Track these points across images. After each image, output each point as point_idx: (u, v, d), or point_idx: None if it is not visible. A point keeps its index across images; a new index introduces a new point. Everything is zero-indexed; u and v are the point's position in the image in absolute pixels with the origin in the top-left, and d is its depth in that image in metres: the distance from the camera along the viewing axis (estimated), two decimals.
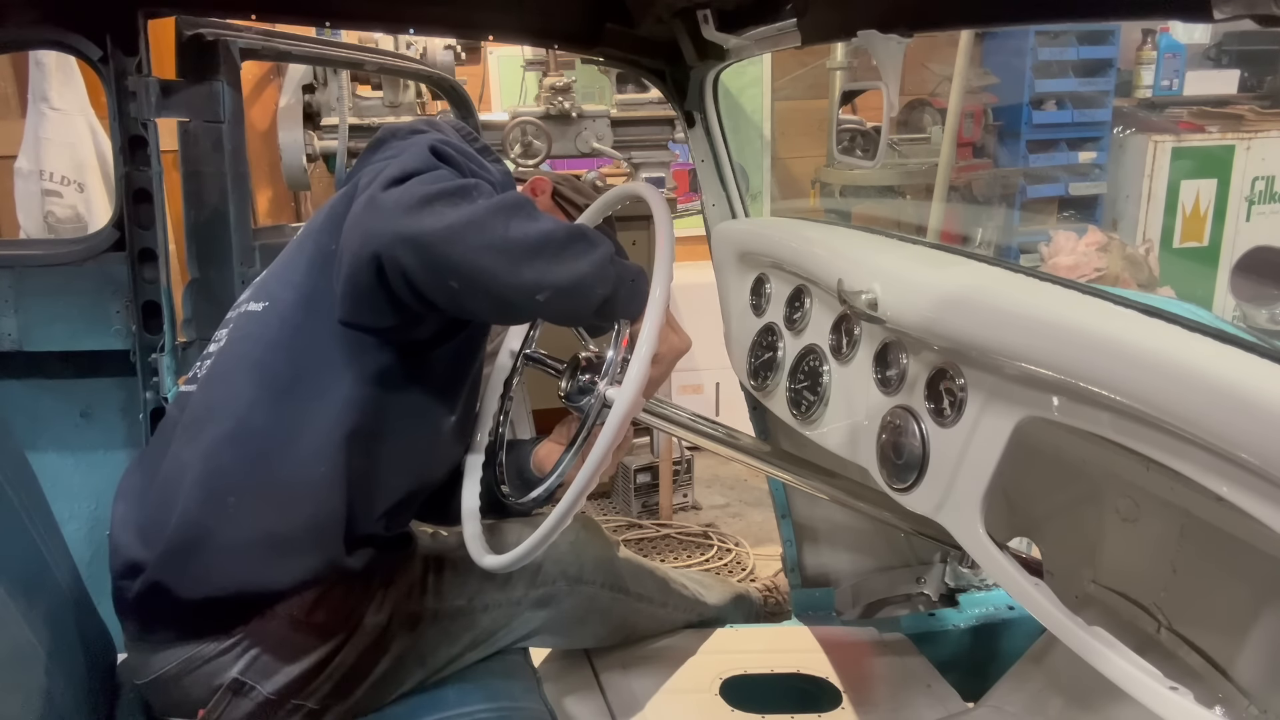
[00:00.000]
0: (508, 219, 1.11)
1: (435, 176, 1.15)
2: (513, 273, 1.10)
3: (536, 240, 1.11)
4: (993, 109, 4.93)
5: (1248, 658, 1.10)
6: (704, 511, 3.54)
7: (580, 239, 1.15)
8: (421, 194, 1.11)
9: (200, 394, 1.29)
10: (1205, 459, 0.86)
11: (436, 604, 1.41)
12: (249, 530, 1.21)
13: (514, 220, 1.11)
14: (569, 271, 1.12)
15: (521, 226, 1.11)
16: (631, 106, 3.45)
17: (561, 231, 1.14)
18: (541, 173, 1.56)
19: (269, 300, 1.31)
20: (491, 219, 1.10)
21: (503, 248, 1.10)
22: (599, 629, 1.65)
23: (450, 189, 1.12)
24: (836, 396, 1.46)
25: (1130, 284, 4.49)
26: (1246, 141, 4.92)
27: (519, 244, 1.10)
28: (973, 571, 2.05)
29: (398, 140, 1.34)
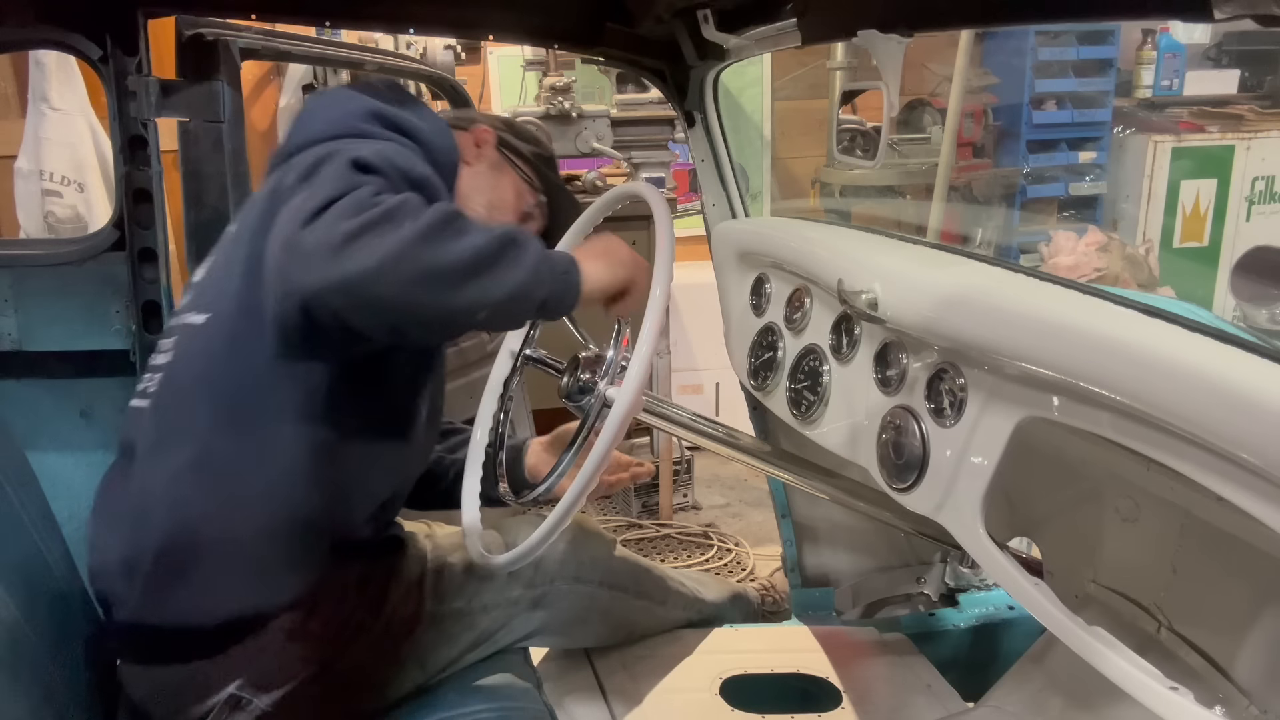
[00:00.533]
0: (437, 242, 1.04)
1: (356, 202, 1.05)
2: (450, 299, 1.06)
3: (470, 260, 1.05)
4: (993, 109, 4.94)
5: (1248, 658, 1.10)
6: (704, 511, 3.54)
7: (510, 245, 1.09)
8: (344, 231, 1.02)
9: (155, 414, 1.24)
10: (1205, 459, 0.86)
11: (434, 606, 1.40)
12: (229, 557, 1.19)
13: (444, 242, 1.05)
14: (504, 284, 1.08)
15: (452, 248, 1.05)
16: (631, 106, 3.45)
17: (492, 243, 1.08)
18: (483, 118, 1.51)
19: (211, 312, 1.24)
20: (421, 246, 1.03)
21: (436, 276, 1.04)
22: (598, 628, 1.65)
23: (374, 218, 1.03)
24: (836, 396, 1.46)
25: (1130, 284, 4.49)
26: (1246, 141, 4.92)
27: (452, 268, 1.04)
28: (973, 571, 2.05)
29: (321, 115, 1.28)
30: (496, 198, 1.45)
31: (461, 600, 1.43)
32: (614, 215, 1.41)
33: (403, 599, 1.36)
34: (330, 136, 1.22)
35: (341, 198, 1.05)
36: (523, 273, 1.09)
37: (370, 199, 1.05)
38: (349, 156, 1.13)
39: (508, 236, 1.10)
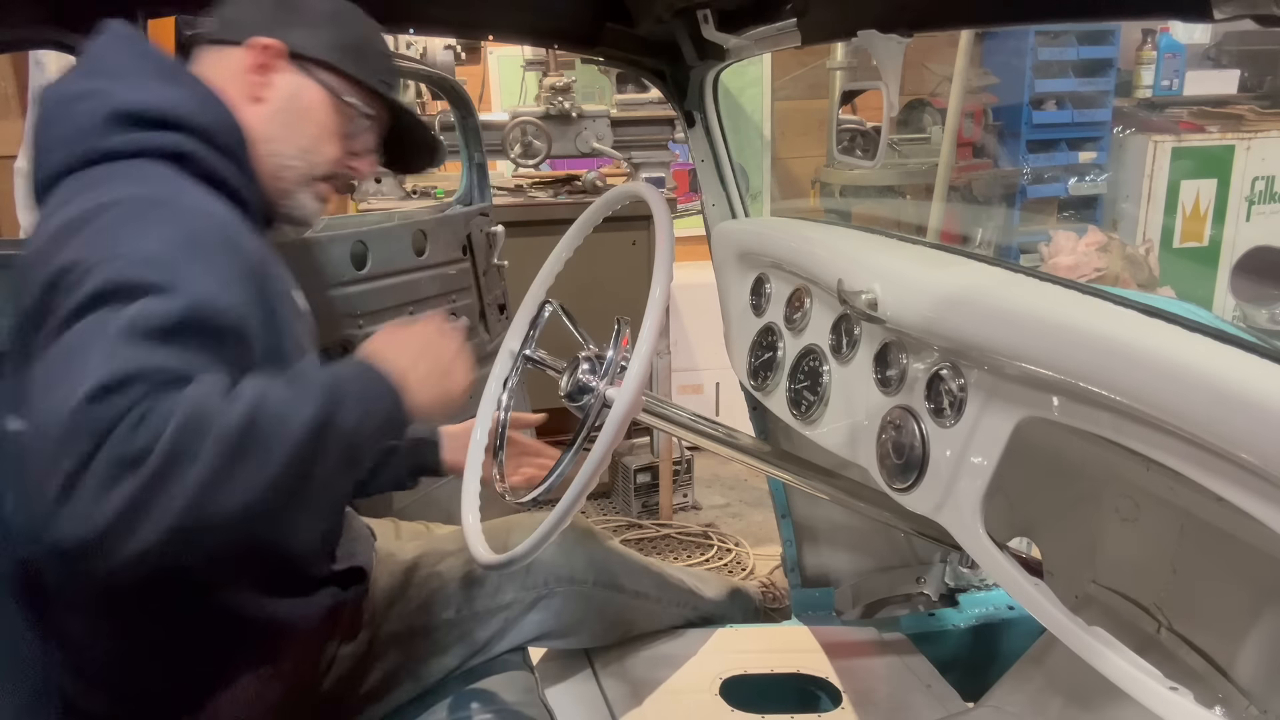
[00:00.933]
0: (237, 475, 0.82)
1: (118, 460, 0.79)
2: (267, 514, 0.86)
3: (280, 477, 0.85)
4: (993, 109, 4.93)
5: (1248, 658, 1.10)
6: (704, 511, 3.54)
7: (326, 427, 0.89)
8: (113, 510, 0.78)
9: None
10: (1205, 459, 0.86)
11: (423, 619, 1.37)
12: (171, 659, 1.10)
13: (245, 472, 0.83)
14: (330, 472, 0.90)
15: (256, 476, 0.83)
16: (631, 106, 3.45)
17: (303, 440, 0.87)
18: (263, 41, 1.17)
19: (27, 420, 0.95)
20: (217, 490, 0.81)
21: (244, 512, 0.83)
22: (595, 627, 1.64)
23: (146, 480, 0.79)
24: (836, 396, 1.46)
25: (1130, 284, 4.49)
26: (1246, 141, 4.91)
27: (261, 497, 0.84)
28: (973, 571, 2.05)
29: (59, 131, 1.04)
30: (307, 136, 1.18)
31: (450, 610, 1.40)
32: (614, 215, 1.41)
33: (385, 611, 1.34)
34: (71, 168, 1.02)
35: (97, 450, 0.79)
36: (346, 448, 0.93)
37: (137, 446, 0.79)
38: (110, 329, 0.84)
39: (319, 421, 0.89)
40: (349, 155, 1.23)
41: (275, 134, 1.16)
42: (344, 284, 2.10)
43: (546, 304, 1.40)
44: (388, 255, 2.22)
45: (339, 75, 1.19)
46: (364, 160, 1.26)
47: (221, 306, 0.92)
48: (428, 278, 2.36)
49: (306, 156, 1.18)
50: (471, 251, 2.52)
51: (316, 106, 1.18)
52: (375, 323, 2.18)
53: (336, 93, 1.19)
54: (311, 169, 1.19)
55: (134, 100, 1.04)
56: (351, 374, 1.00)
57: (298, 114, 1.17)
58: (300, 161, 1.18)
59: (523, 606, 1.47)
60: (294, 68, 1.17)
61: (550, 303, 1.39)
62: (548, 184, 3.53)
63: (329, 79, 1.19)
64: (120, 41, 1.12)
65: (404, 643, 1.35)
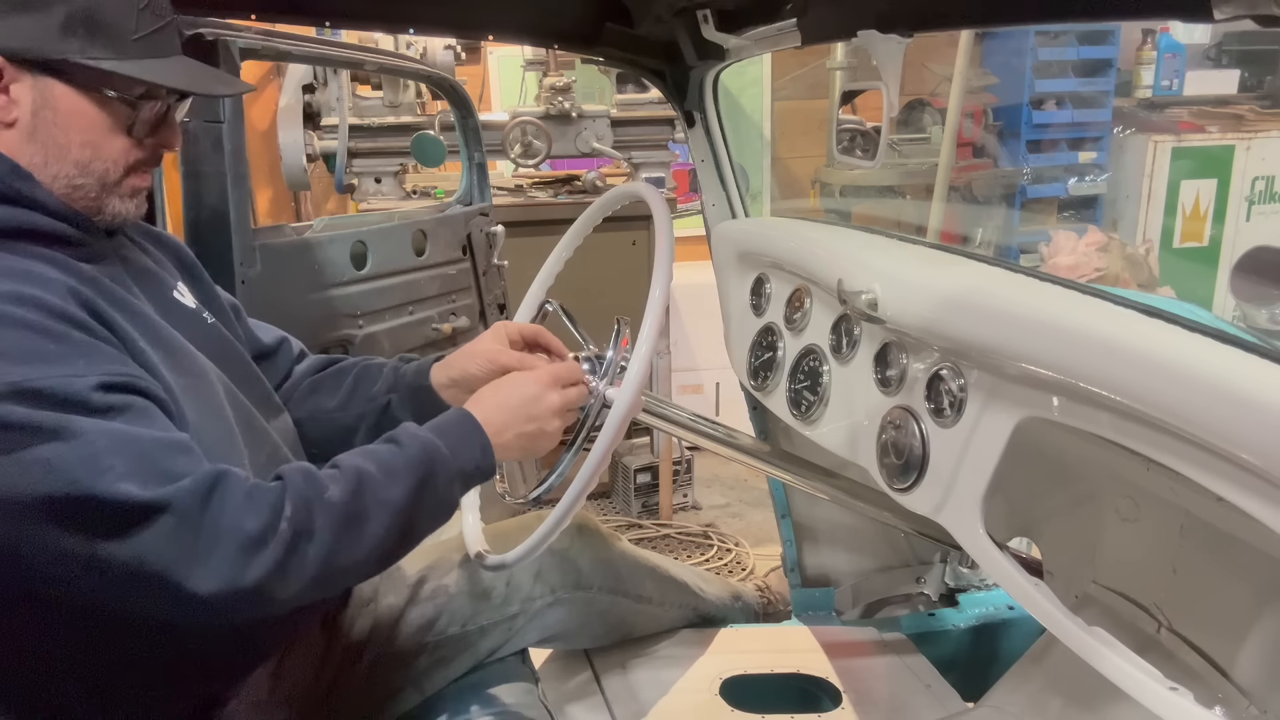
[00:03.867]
0: (346, 546, 0.97)
1: None
2: (380, 564, 1.04)
3: (393, 534, 1.02)
4: (993, 109, 4.93)
5: (1248, 658, 1.10)
6: (704, 511, 3.54)
7: (426, 483, 1.04)
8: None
9: None
10: (1205, 459, 0.86)
11: (430, 635, 1.36)
12: (159, 694, 1.09)
13: (355, 539, 0.98)
14: (432, 518, 1.05)
15: (366, 537, 0.98)
16: (631, 106, 3.45)
17: (407, 497, 1.02)
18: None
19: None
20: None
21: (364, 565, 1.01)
22: (596, 630, 1.64)
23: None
24: (836, 396, 1.46)
25: (1130, 284, 4.49)
26: (1246, 141, 4.92)
27: (380, 551, 1.00)
28: (973, 571, 2.05)
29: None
30: (79, 146, 1.00)
31: (456, 626, 1.38)
32: (614, 215, 1.41)
33: (389, 634, 1.33)
34: None
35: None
36: (439, 504, 1.05)
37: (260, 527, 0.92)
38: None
39: (412, 497, 1.01)
40: (140, 141, 1.04)
41: (44, 156, 0.98)
42: (344, 284, 2.10)
43: (546, 304, 1.39)
44: (388, 255, 2.22)
45: (79, 67, 0.97)
46: (163, 133, 1.06)
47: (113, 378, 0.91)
48: (428, 278, 2.36)
49: (90, 168, 1.01)
50: (471, 251, 2.52)
51: (73, 111, 0.98)
52: (375, 322, 2.18)
53: (90, 86, 0.98)
54: (103, 176, 1.02)
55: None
56: (450, 433, 1.09)
57: (56, 127, 0.98)
58: (86, 177, 1.01)
59: (529, 616, 1.46)
60: (28, 74, 0.96)
61: (550, 303, 1.39)
62: (548, 184, 3.53)
63: (75, 73, 0.97)
64: None
65: (409, 660, 1.34)
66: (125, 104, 1.00)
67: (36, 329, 0.88)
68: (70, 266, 0.98)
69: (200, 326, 1.16)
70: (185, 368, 1.06)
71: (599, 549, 1.58)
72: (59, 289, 0.93)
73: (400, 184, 3.41)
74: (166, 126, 1.06)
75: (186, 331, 1.11)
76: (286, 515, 0.92)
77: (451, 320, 2.42)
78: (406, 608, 1.35)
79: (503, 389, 1.16)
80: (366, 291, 2.15)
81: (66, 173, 1.00)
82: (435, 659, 1.36)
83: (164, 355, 1.03)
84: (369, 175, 3.36)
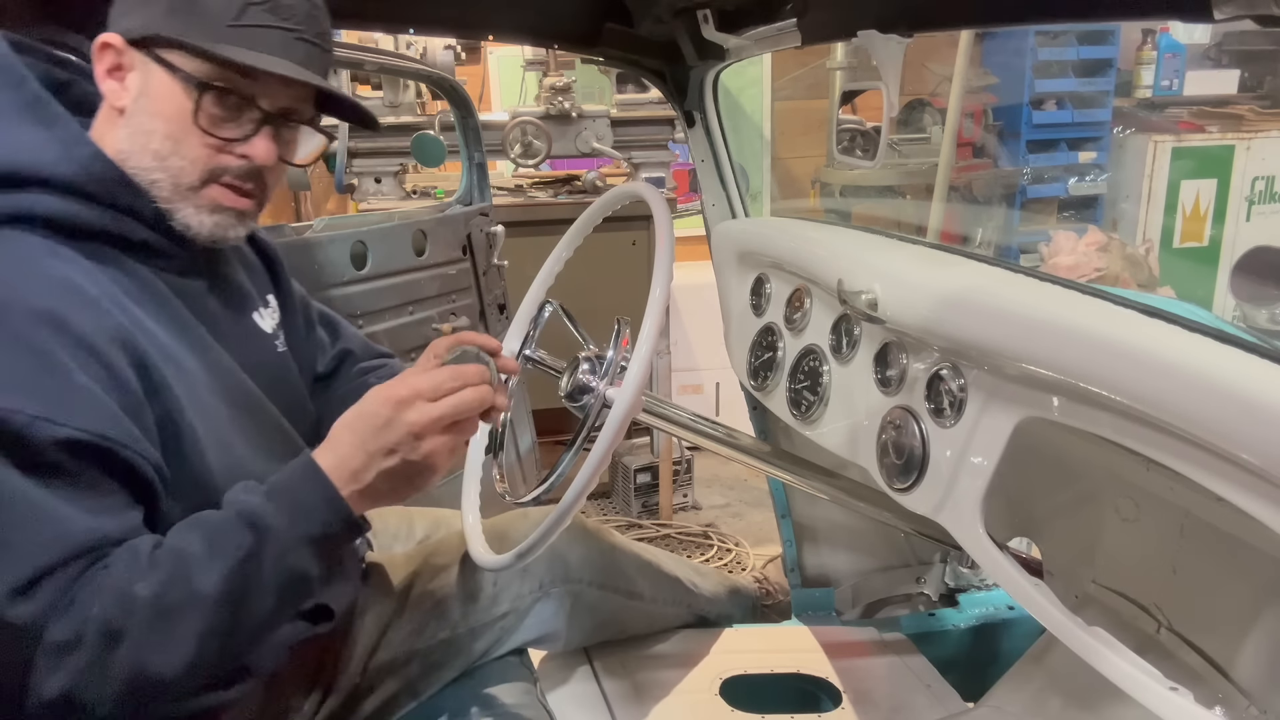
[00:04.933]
0: (152, 645, 0.85)
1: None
2: (203, 663, 0.89)
3: (207, 629, 0.87)
4: (993, 109, 4.93)
5: (1248, 658, 1.10)
6: (704, 511, 3.54)
7: (249, 561, 0.89)
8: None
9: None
10: (1205, 459, 0.86)
11: (420, 642, 1.34)
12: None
13: (162, 635, 0.86)
14: (265, 603, 0.90)
15: (176, 638, 0.86)
16: (631, 106, 3.45)
17: (225, 581, 0.88)
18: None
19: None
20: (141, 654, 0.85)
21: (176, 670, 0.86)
22: (586, 625, 1.61)
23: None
24: (836, 397, 1.46)
25: (1130, 284, 4.49)
26: (1246, 141, 4.91)
27: (193, 648, 0.87)
28: (973, 571, 2.05)
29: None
30: (158, 138, 0.98)
31: (446, 630, 1.37)
32: (614, 215, 1.41)
33: (376, 641, 1.31)
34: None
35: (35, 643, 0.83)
36: (281, 579, 0.90)
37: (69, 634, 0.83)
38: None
39: (231, 576, 0.87)
40: (227, 143, 0.99)
41: (130, 145, 0.98)
42: (344, 284, 2.10)
43: (546, 304, 1.39)
44: (388, 255, 2.22)
45: (172, 46, 0.95)
46: (254, 144, 1.00)
47: (83, 436, 0.85)
48: (428, 278, 2.36)
49: (167, 163, 0.98)
50: (471, 251, 2.52)
51: (162, 97, 0.96)
52: (375, 322, 2.18)
53: (176, 69, 0.96)
54: (178, 176, 0.98)
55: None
56: (286, 492, 0.93)
57: (146, 115, 0.97)
58: (161, 173, 0.98)
59: (518, 614, 1.44)
60: (140, 58, 0.97)
61: (550, 303, 1.39)
62: (548, 184, 3.53)
63: (167, 56, 0.96)
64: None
65: (400, 668, 1.32)
66: (201, 89, 0.95)
67: (41, 357, 0.86)
68: (145, 281, 0.98)
69: (269, 354, 1.15)
70: (236, 399, 1.05)
71: (587, 543, 1.56)
72: (96, 315, 0.91)
73: (400, 184, 3.41)
74: (258, 136, 1.00)
75: (251, 360, 1.09)
76: (93, 614, 0.82)
77: (451, 320, 2.43)
78: (395, 615, 1.34)
79: (355, 420, 0.95)
80: (366, 291, 2.16)
81: (145, 165, 0.97)
82: (428, 664, 1.35)
83: (211, 387, 1.01)
84: (369, 175, 3.36)
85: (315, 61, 1.02)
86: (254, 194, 1.04)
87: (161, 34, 0.95)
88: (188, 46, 0.94)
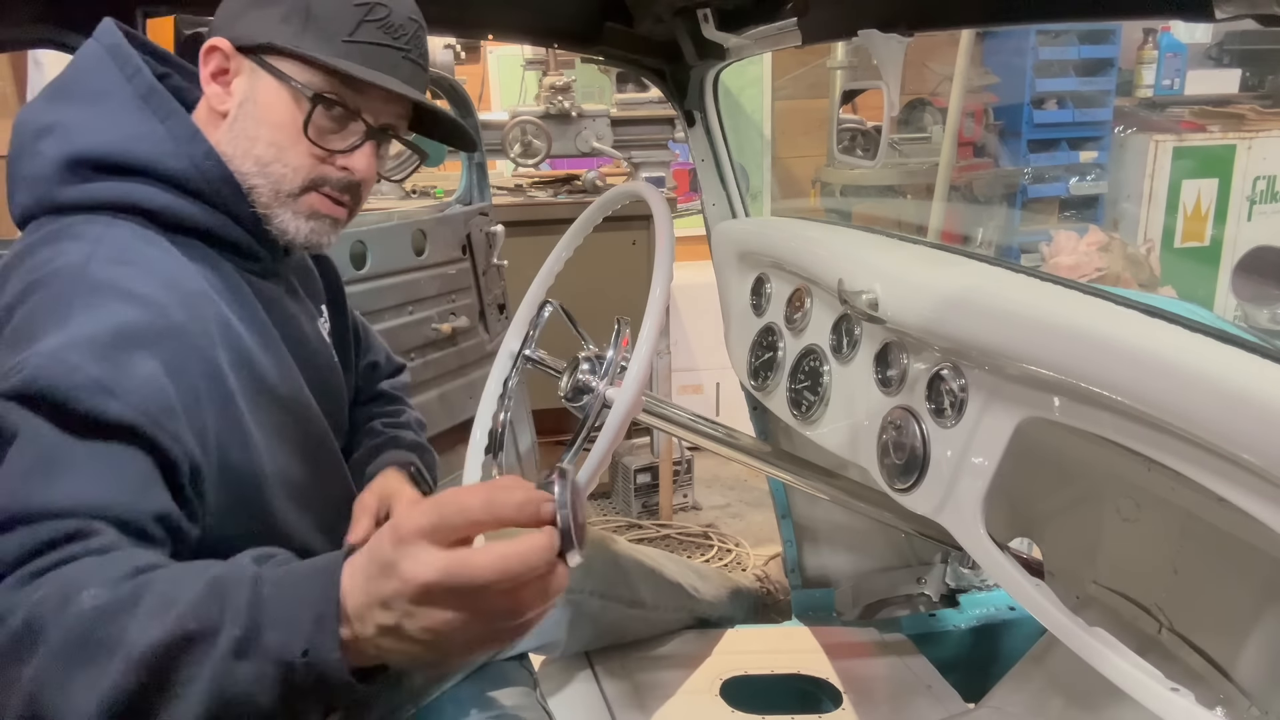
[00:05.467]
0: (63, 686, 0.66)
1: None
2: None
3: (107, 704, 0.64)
4: (993, 108, 4.93)
5: (1249, 658, 1.10)
6: (704, 511, 3.54)
7: (192, 643, 0.64)
8: None
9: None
10: (1205, 459, 0.86)
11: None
12: None
13: (71, 681, 0.65)
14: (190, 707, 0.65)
15: (81, 690, 0.65)
16: (631, 106, 3.45)
17: (147, 659, 0.64)
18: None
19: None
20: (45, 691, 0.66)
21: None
22: (587, 633, 1.61)
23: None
24: (837, 397, 1.46)
25: (1131, 284, 4.49)
26: (1248, 141, 4.91)
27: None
28: (973, 572, 2.05)
29: (19, 169, 0.94)
30: (263, 143, 0.99)
31: None
32: (614, 215, 1.41)
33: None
34: (34, 213, 0.93)
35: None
36: (237, 677, 0.65)
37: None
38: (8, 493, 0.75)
39: (190, 630, 0.64)
40: (330, 154, 1.01)
41: (232, 150, 0.99)
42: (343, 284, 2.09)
43: (546, 304, 1.39)
44: (387, 255, 2.22)
45: (285, 55, 0.97)
46: (357, 157, 1.02)
47: (133, 416, 0.81)
48: (427, 277, 2.36)
49: (269, 169, 0.99)
50: (471, 251, 2.52)
51: (269, 104, 0.98)
52: (375, 322, 2.17)
53: (288, 78, 0.97)
54: (279, 182, 1.00)
55: (95, 144, 0.93)
56: (293, 587, 0.67)
57: (251, 120, 0.99)
58: (262, 179, 0.99)
59: None
60: (249, 64, 0.99)
61: (550, 303, 1.39)
62: (548, 184, 3.53)
63: (278, 64, 0.98)
64: (104, 55, 0.99)
65: (404, 680, 1.31)
66: (310, 101, 0.97)
67: (121, 333, 0.86)
68: (232, 280, 1.00)
69: (326, 363, 1.16)
70: (292, 406, 1.04)
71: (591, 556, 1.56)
72: (188, 308, 0.91)
73: (400, 183, 3.41)
74: (361, 149, 1.02)
75: (310, 367, 1.09)
76: (34, 599, 0.68)
77: (451, 320, 2.42)
78: None
79: (368, 545, 0.66)
80: (366, 291, 2.15)
81: (246, 170, 0.99)
82: (429, 680, 1.35)
83: (275, 390, 1.00)
84: None
85: (418, 80, 1.04)
86: (348, 204, 1.06)
87: (275, 43, 0.97)
88: (305, 58, 0.96)
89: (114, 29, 1.01)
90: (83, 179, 0.92)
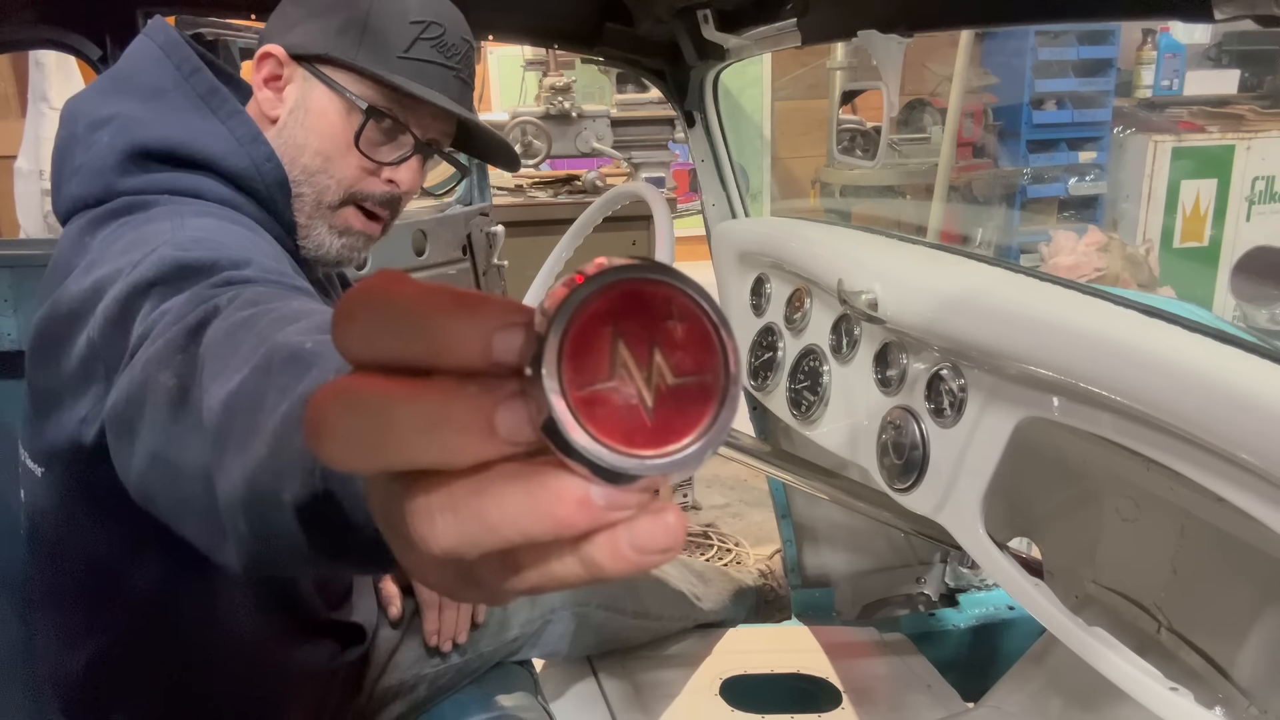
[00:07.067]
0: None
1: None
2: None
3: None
4: (993, 109, 4.94)
5: (1248, 658, 1.10)
6: (704, 511, 3.54)
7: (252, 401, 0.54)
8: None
9: (31, 582, 1.00)
10: (1205, 459, 0.86)
11: (428, 668, 1.33)
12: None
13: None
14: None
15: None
16: (631, 106, 3.45)
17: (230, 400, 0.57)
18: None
19: (45, 465, 0.91)
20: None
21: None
22: (589, 642, 1.62)
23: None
24: (836, 397, 1.46)
25: (1130, 284, 4.49)
26: (1247, 141, 4.92)
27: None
28: (973, 571, 2.05)
29: (74, 161, 0.91)
30: (311, 151, 0.99)
31: (456, 655, 1.36)
32: (614, 215, 1.41)
33: (384, 668, 1.31)
34: (87, 204, 0.90)
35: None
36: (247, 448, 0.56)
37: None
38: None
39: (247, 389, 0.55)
40: (378, 167, 1.01)
41: (284, 156, 0.98)
42: None
43: None
44: (387, 255, 2.22)
45: (339, 66, 0.98)
46: (403, 170, 1.02)
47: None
48: (427, 278, 2.35)
49: (314, 179, 0.99)
50: (471, 251, 2.52)
51: (319, 113, 0.98)
52: None
53: (342, 90, 0.98)
54: (322, 193, 1.00)
55: (160, 136, 0.91)
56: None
57: (301, 128, 0.99)
58: (307, 187, 0.99)
59: (526, 638, 1.44)
60: (302, 72, 0.99)
61: None
62: (548, 184, 3.53)
63: (333, 75, 0.98)
64: (158, 51, 0.97)
65: (407, 693, 1.32)
66: (364, 113, 0.97)
67: (238, 228, 0.88)
68: None
69: None
70: None
71: None
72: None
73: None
74: (407, 163, 1.02)
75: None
76: (188, 318, 0.66)
77: None
78: (404, 640, 1.33)
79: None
80: None
81: (294, 177, 0.99)
82: (436, 688, 1.35)
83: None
84: None
85: (466, 99, 1.06)
86: (385, 219, 1.06)
87: (331, 54, 0.97)
88: (362, 71, 0.97)
89: (166, 26, 1.00)
90: (145, 169, 0.90)
